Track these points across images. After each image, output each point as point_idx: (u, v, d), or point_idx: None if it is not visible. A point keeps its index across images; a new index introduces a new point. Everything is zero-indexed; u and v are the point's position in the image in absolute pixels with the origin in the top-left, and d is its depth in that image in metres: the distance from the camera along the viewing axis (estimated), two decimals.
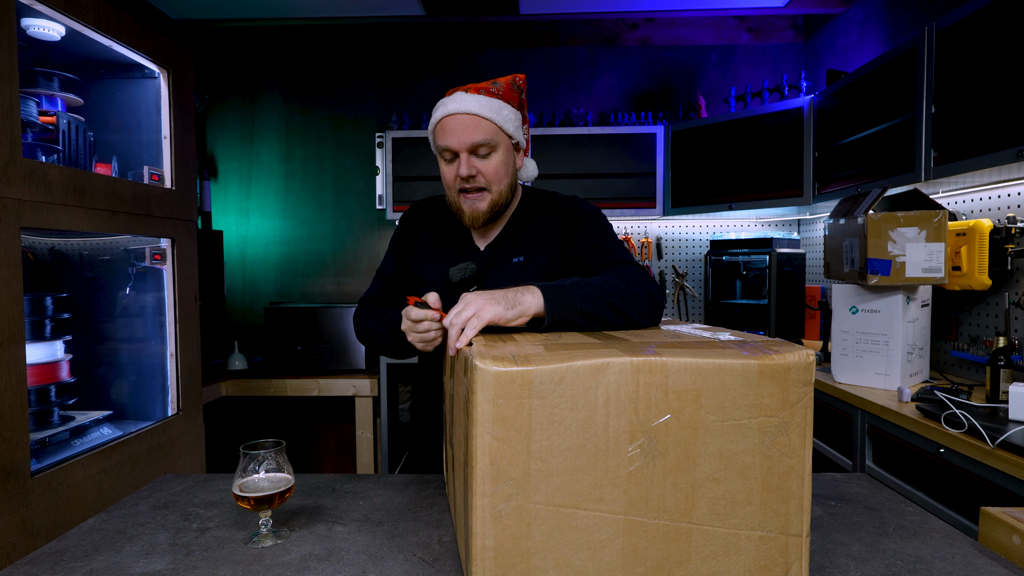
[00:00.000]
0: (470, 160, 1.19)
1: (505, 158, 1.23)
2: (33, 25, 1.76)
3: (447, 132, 1.19)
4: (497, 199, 1.23)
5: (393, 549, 0.92)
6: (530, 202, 1.34)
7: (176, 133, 2.14)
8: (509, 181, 1.25)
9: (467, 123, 1.18)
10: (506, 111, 1.21)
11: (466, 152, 1.19)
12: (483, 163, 1.20)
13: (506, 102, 1.22)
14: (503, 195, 1.24)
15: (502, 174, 1.22)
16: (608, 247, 1.23)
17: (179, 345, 2.14)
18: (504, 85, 1.24)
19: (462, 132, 1.18)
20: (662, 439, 0.71)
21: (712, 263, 3.33)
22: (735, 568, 0.74)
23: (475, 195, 1.22)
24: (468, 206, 1.23)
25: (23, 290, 1.48)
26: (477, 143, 1.18)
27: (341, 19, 3.26)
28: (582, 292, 0.95)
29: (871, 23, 2.88)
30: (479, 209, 1.23)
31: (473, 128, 1.18)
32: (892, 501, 1.10)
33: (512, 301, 0.91)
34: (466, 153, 1.19)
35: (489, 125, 1.19)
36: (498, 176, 1.22)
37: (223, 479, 1.23)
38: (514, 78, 1.26)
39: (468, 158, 1.19)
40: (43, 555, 0.91)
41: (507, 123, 1.21)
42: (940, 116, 1.91)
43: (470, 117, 1.18)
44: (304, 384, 2.96)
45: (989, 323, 2.07)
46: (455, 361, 0.89)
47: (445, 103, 1.20)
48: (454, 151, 1.19)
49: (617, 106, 3.59)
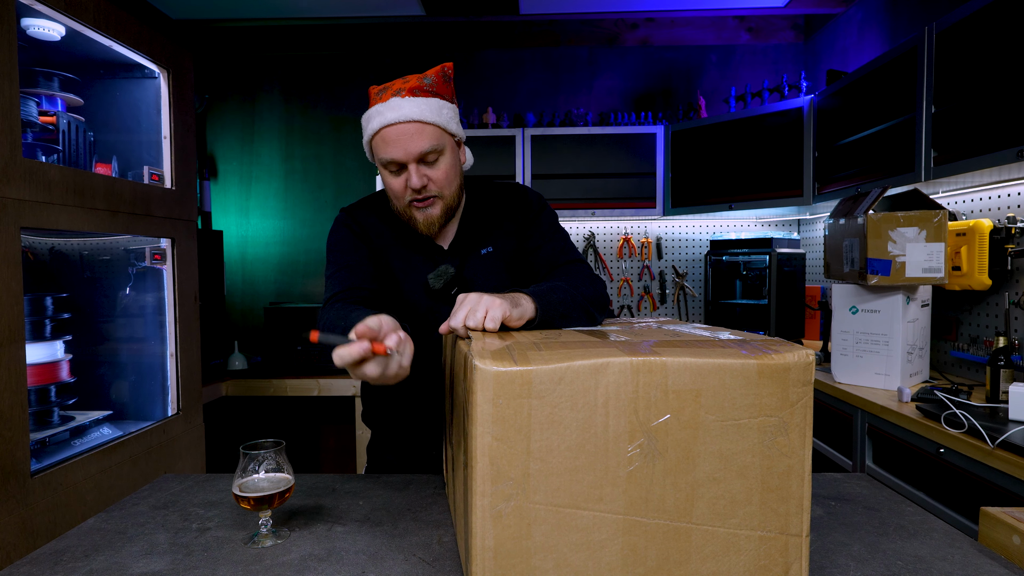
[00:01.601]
0: (420, 170, 1.13)
1: (453, 160, 1.17)
2: (33, 25, 1.76)
3: (390, 143, 1.11)
4: (450, 202, 1.19)
5: (393, 549, 0.92)
6: (479, 193, 1.30)
7: (176, 133, 2.14)
8: (459, 181, 1.22)
9: (411, 132, 1.10)
10: (446, 109, 1.15)
11: (414, 163, 1.12)
12: (432, 170, 1.14)
13: (441, 97, 1.15)
14: (455, 197, 1.20)
15: (452, 177, 1.17)
16: (561, 244, 1.24)
17: (179, 345, 2.14)
18: (436, 78, 1.16)
19: (408, 142, 1.10)
20: (662, 439, 0.71)
21: (712, 263, 3.33)
22: (735, 568, 0.74)
23: (427, 203, 1.16)
24: (422, 215, 1.17)
25: (23, 290, 1.48)
26: (424, 151, 1.11)
27: (341, 19, 3.26)
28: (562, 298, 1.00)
29: (871, 23, 2.88)
30: (433, 216, 1.17)
31: (418, 136, 1.10)
32: (892, 501, 1.10)
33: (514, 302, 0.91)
34: (414, 164, 1.12)
35: (433, 130, 1.12)
36: (448, 180, 1.17)
37: (223, 479, 1.23)
38: (443, 67, 1.18)
39: (417, 168, 1.12)
40: (43, 555, 0.91)
41: (450, 123, 1.15)
42: (940, 116, 1.91)
43: (413, 124, 1.10)
44: (304, 384, 2.96)
45: (989, 323, 2.07)
46: (455, 361, 0.89)
47: (381, 111, 1.11)
48: (400, 163, 1.12)
49: (617, 106, 3.59)
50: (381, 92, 1.16)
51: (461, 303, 0.89)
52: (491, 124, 3.36)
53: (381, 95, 1.15)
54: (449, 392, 0.98)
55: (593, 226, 3.58)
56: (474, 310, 0.86)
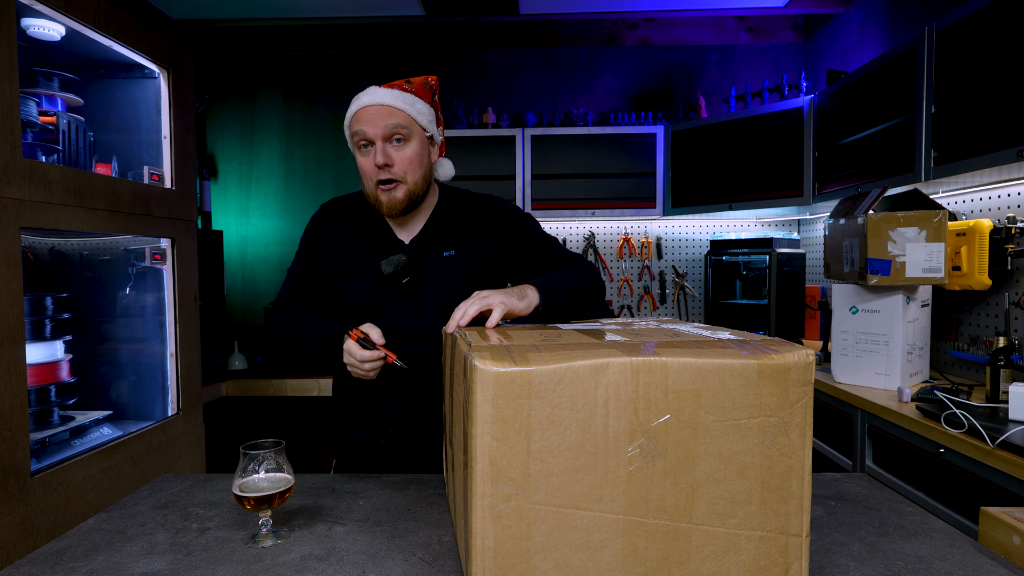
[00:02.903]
0: (385, 148, 1.23)
1: (420, 149, 1.27)
2: (33, 25, 1.76)
3: (362, 121, 1.24)
4: (413, 188, 1.27)
5: (393, 549, 0.92)
6: (451, 200, 1.39)
7: (176, 133, 2.14)
8: (423, 172, 1.29)
9: (381, 112, 1.23)
10: (419, 104, 1.27)
11: (381, 140, 1.23)
12: (397, 152, 1.24)
13: (418, 97, 1.28)
14: (418, 185, 1.28)
15: (416, 164, 1.26)
16: (552, 244, 1.36)
17: (179, 345, 2.14)
18: (417, 84, 1.29)
19: (376, 119, 1.22)
20: (662, 439, 0.71)
21: (712, 263, 3.33)
22: (735, 568, 0.74)
23: (391, 185, 1.25)
24: (386, 197, 1.26)
25: (23, 290, 1.48)
26: (392, 128, 1.22)
27: (341, 19, 3.26)
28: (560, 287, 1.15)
29: (871, 23, 2.88)
30: (396, 198, 1.26)
31: (387, 116, 1.23)
32: (892, 501, 1.10)
33: (521, 294, 1.06)
34: (381, 141, 1.23)
35: (403, 114, 1.24)
36: (412, 166, 1.25)
37: (223, 479, 1.23)
38: (426, 78, 1.32)
39: (383, 146, 1.23)
40: (43, 555, 0.91)
41: (420, 116, 1.27)
42: (940, 116, 1.91)
43: (384, 107, 1.23)
44: (304, 384, 2.96)
45: (989, 323, 2.07)
46: (454, 361, 0.89)
47: (359, 97, 1.26)
48: (369, 139, 1.23)
49: (617, 106, 3.59)
50: None
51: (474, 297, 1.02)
52: (491, 124, 3.36)
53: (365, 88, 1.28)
54: (449, 392, 0.99)
55: (593, 226, 3.58)
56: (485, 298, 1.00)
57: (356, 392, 1.36)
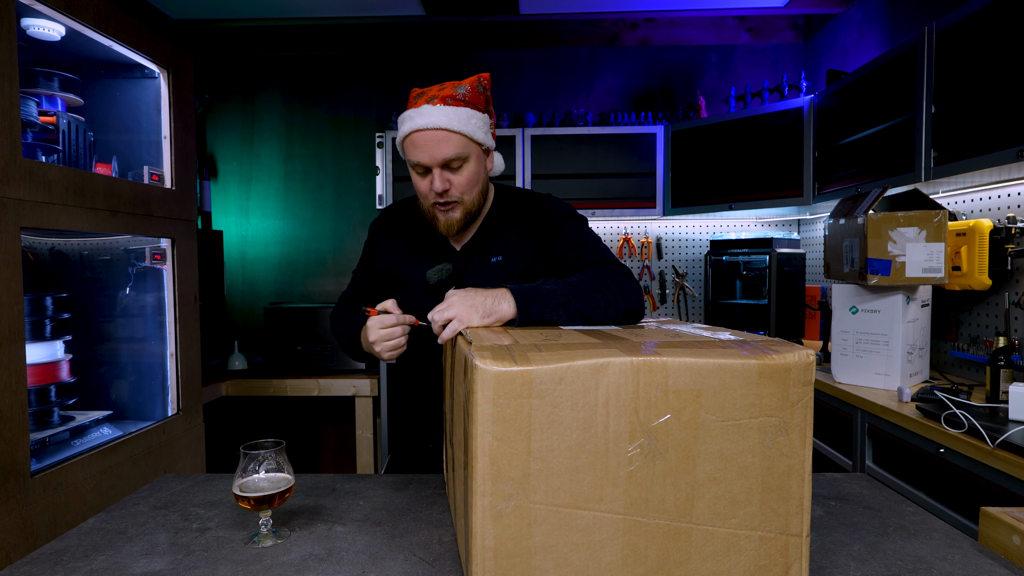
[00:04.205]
0: (443, 174, 1.19)
1: (477, 168, 1.22)
2: (33, 25, 1.76)
3: (417, 147, 1.18)
4: (470, 207, 1.24)
5: (393, 549, 0.92)
6: (504, 201, 1.34)
7: (176, 133, 2.14)
8: (481, 187, 1.26)
9: (437, 138, 1.16)
10: (475, 119, 1.19)
11: (438, 167, 1.18)
12: (456, 176, 1.20)
13: (473, 107, 1.20)
14: (475, 203, 1.25)
15: (473, 183, 1.22)
16: (588, 247, 1.24)
17: (179, 345, 2.14)
18: (470, 89, 1.21)
19: (433, 148, 1.16)
20: (662, 439, 0.71)
21: (712, 263, 3.33)
22: (735, 568, 0.74)
23: (449, 207, 1.22)
24: (443, 217, 1.24)
25: (23, 290, 1.48)
26: (449, 158, 1.17)
27: (341, 19, 3.26)
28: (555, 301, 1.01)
29: (871, 23, 2.88)
30: (453, 219, 1.24)
31: (444, 143, 1.16)
32: (892, 501, 1.10)
33: (489, 310, 0.97)
34: (438, 168, 1.18)
35: (459, 138, 1.17)
36: (470, 186, 1.22)
37: (223, 479, 1.23)
38: (479, 79, 1.23)
39: (441, 172, 1.18)
40: (43, 555, 0.91)
41: (477, 132, 1.19)
42: (940, 116, 1.91)
43: (440, 132, 1.16)
44: (304, 384, 2.96)
45: (989, 323, 2.07)
46: (455, 361, 0.89)
47: (412, 116, 1.18)
48: (426, 166, 1.19)
49: (617, 106, 3.59)
50: (418, 97, 1.21)
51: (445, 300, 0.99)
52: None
53: (417, 100, 1.20)
54: (449, 392, 0.99)
55: (593, 226, 3.58)
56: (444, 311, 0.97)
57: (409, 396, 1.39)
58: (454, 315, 0.96)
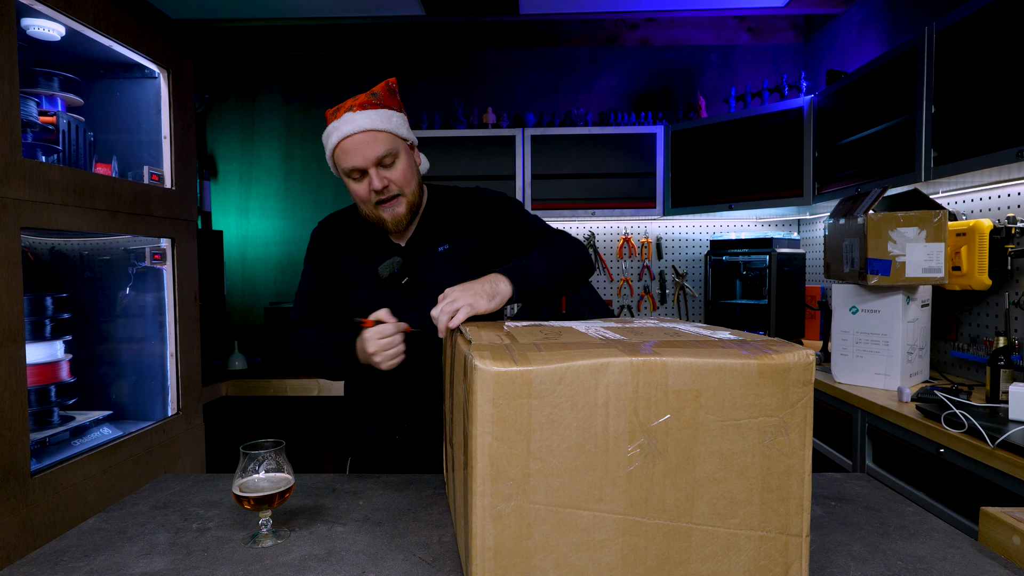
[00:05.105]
0: (379, 172, 1.24)
1: (408, 161, 1.29)
2: (33, 25, 1.76)
3: (349, 153, 1.23)
4: (412, 200, 1.30)
5: (393, 549, 0.92)
6: (439, 198, 1.41)
7: (176, 133, 2.14)
8: (417, 180, 1.32)
9: (366, 140, 1.23)
10: (395, 118, 1.27)
11: (373, 167, 1.24)
12: (391, 172, 1.26)
13: (389, 108, 1.27)
14: (416, 194, 1.31)
15: (410, 176, 1.29)
16: (533, 223, 1.37)
17: (179, 345, 2.14)
18: (382, 93, 1.29)
19: (365, 150, 1.22)
20: (662, 439, 0.71)
21: (712, 263, 3.33)
22: (735, 568, 0.74)
23: (392, 202, 1.27)
24: (388, 213, 1.28)
25: (23, 290, 1.48)
26: (380, 155, 1.23)
27: (341, 19, 3.26)
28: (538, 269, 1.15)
29: (871, 23, 2.88)
30: (399, 213, 1.28)
31: (373, 143, 1.23)
32: (892, 501, 1.10)
33: (492, 292, 1.06)
34: (373, 168, 1.24)
35: (386, 136, 1.24)
36: (407, 179, 1.28)
37: (223, 479, 1.23)
38: (387, 83, 1.32)
39: (377, 171, 1.24)
40: (43, 555, 0.91)
41: (400, 128, 1.27)
42: (940, 116, 1.91)
43: (367, 134, 1.23)
44: (304, 384, 2.96)
45: (989, 323, 2.07)
46: (454, 361, 0.89)
47: (337, 127, 1.24)
48: (361, 169, 1.24)
49: (617, 106, 3.59)
50: (335, 112, 1.27)
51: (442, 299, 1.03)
52: (491, 124, 3.36)
53: (336, 114, 1.27)
54: (449, 392, 0.99)
55: (593, 226, 3.58)
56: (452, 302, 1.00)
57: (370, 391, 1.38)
58: (461, 304, 1.00)
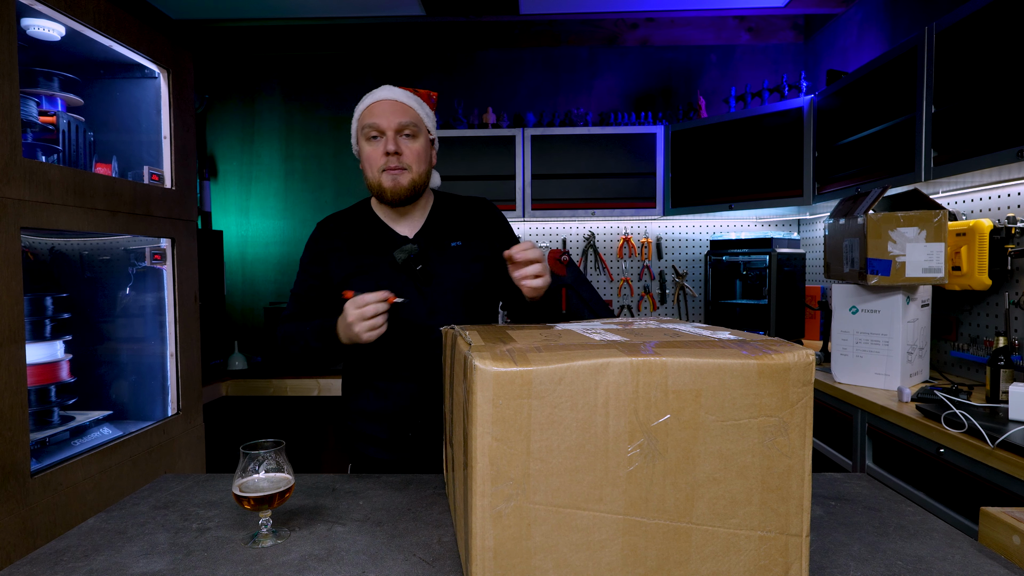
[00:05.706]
0: (396, 139, 1.31)
1: (425, 147, 1.36)
2: (33, 25, 1.76)
3: (375, 114, 1.31)
4: (417, 180, 1.34)
5: (393, 549, 0.92)
6: (446, 202, 1.46)
7: (176, 133, 2.14)
8: (426, 168, 1.37)
9: (395, 107, 1.32)
10: (425, 108, 1.37)
11: (392, 131, 1.30)
12: (407, 144, 1.32)
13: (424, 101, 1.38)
14: (422, 177, 1.35)
15: (422, 159, 1.34)
16: None
17: (179, 345, 2.14)
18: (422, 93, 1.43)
19: (390, 114, 1.31)
20: (662, 439, 0.71)
21: (712, 263, 3.33)
22: (735, 568, 0.74)
23: (397, 171, 1.31)
24: (391, 181, 1.31)
25: (23, 290, 1.48)
26: (403, 124, 1.31)
27: (341, 19, 3.26)
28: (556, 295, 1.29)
29: (871, 23, 2.88)
30: (401, 184, 1.32)
31: (400, 111, 1.32)
32: (892, 501, 1.10)
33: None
34: (392, 132, 1.30)
35: (413, 112, 1.34)
36: (419, 159, 1.33)
37: (223, 479, 1.23)
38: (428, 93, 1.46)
39: (394, 136, 1.31)
40: (43, 555, 0.91)
41: (427, 118, 1.37)
42: (940, 116, 1.91)
43: (397, 103, 1.32)
44: (304, 384, 2.96)
45: (989, 323, 2.07)
46: (454, 362, 0.89)
47: (373, 92, 1.35)
48: (381, 130, 1.30)
49: (617, 106, 3.59)
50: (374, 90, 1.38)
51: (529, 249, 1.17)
52: (491, 124, 3.36)
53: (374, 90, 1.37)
54: (449, 392, 0.99)
55: (593, 226, 3.58)
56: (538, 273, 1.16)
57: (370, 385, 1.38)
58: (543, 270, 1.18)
